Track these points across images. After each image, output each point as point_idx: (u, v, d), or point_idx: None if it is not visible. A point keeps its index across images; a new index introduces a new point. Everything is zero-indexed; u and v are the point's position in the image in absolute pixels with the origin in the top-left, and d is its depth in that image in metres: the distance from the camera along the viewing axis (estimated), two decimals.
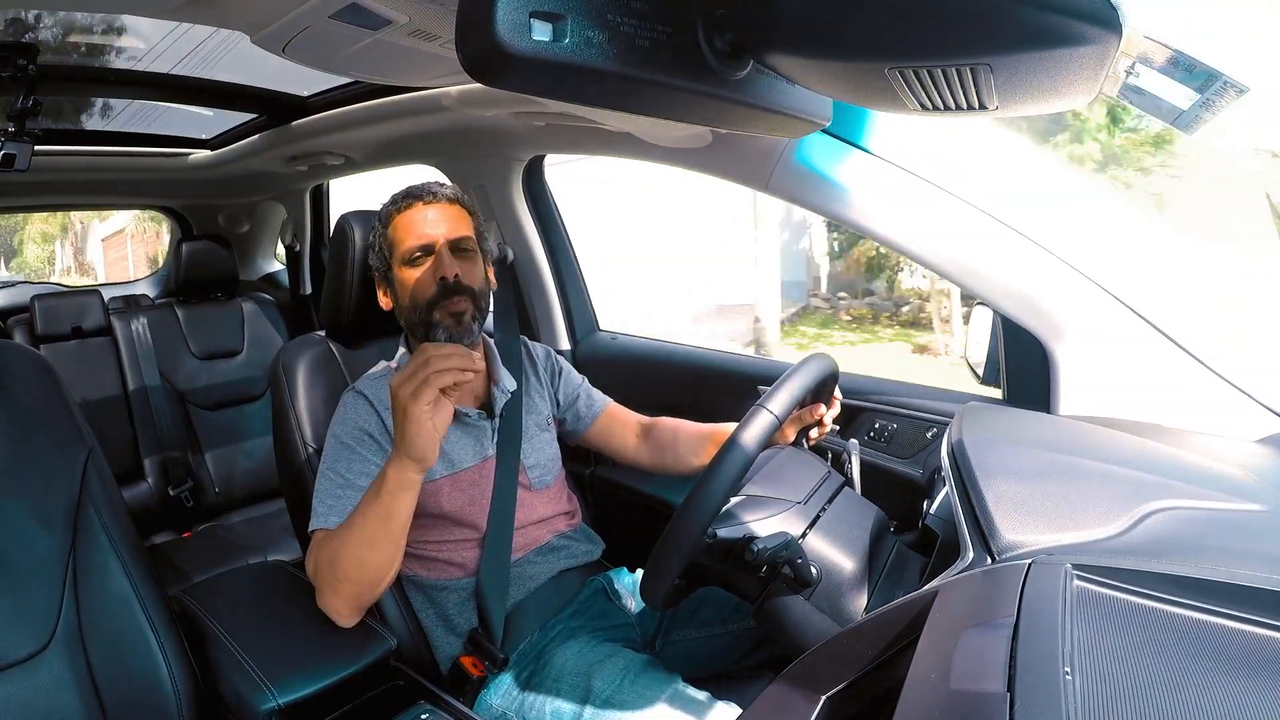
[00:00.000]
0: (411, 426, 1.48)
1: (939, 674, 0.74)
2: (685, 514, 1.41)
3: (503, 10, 0.76)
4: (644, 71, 0.89)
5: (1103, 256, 1.59)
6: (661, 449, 2.24)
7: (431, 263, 1.86)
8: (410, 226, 1.88)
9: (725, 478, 1.43)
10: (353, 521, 1.59)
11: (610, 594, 2.01)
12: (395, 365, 1.97)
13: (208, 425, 3.89)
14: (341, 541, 1.59)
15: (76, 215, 22.97)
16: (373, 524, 1.56)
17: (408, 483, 1.54)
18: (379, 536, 1.56)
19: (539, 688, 1.72)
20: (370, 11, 1.46)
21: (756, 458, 1.49)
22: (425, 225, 1.87)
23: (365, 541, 1.56)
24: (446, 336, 1.84)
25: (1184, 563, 0.88)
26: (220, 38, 1.77)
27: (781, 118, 1.17)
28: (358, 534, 1.57)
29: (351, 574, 1.58)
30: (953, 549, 1.17)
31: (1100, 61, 0.77)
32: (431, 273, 1.85)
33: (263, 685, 1.48)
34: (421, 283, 1.85)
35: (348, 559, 1.58)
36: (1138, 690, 0.64)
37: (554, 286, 3.07)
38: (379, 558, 1.58)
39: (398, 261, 1.88)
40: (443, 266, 1.84)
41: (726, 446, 1.47)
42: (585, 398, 2.30)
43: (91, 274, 23.17)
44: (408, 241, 1.87)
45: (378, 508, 1.55)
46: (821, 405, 1.87)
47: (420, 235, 1.87)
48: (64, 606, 1.50)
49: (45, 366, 1.67)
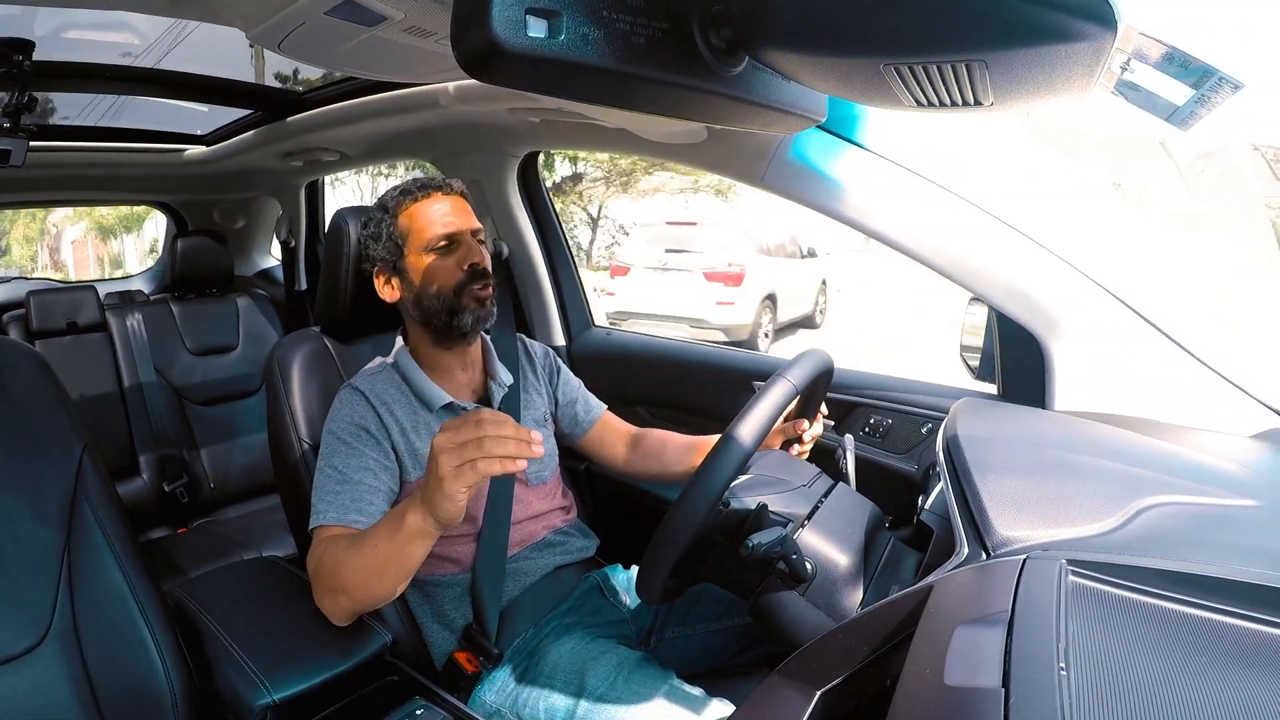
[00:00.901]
0: (444, 499, 1.36)
1: (934, 669, 0.74)
2: (683, 504, 1.41)
3: (498, 7, 0.76)
4: (639, 68, 0.90)
5: (1098, 252, 1.59)
6: (648, 458, 2.25)
7: (460, 251, 1.88)
8: (431, 216, 1.89)
9: (725, 467, 1.43)
10: (365, 545, 1.54)
11: (605, 590, 2.01)
12: (392, 360, 1.96)
13: (203, 421, 3.89)
14: (348, 560, 1.56)
15: (52, 219, 24.25)
16: (384, 558, 1.51)
17: (428, 534, 1.47)
18: (386, 569, 1.52)
19: (533, 684, 1.73)
20: (365, 8, 1.46)
21: (754, 449, 1.49)
22: (448, 215, 1.89)
23: (374, 572, 1.53)
24: (473, 319, 1.86)
25: (1179, 558, 0.88)
26: (216, 33, 1.77)
27: (777, 114, 1.17)
28: (367, 562, 1.53)
29: (353, 591, 1.56)
30: (948, 544, 1.17)
31: (1095, 57, 0.77)
32: (459, 260, 1.87)
33: (258, 681, 1.48)
34: (448, 270, 1.86)
35: (352, 579, 1.55)
36: (1132, 685, 0.65)
37: (549, 283, 3.07)
38: (384, 587, 1.56)
39: (416, 250, 1.88)
40: (474, 254, 1.87)
41: (726, 436, 1.47)
42: (583, 402, 2.31)
43: (64, 270, 25.05)
44: (431, 230, 1.87)
45: (391, 546, 1.49)
46: (805, 420, 1.90)
47: (445, 224, 1.88)
48: (59, 602, 1.50)
49: (40, 362, 1.67)
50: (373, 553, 1.52)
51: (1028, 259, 1.61)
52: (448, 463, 1.33)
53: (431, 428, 1.86)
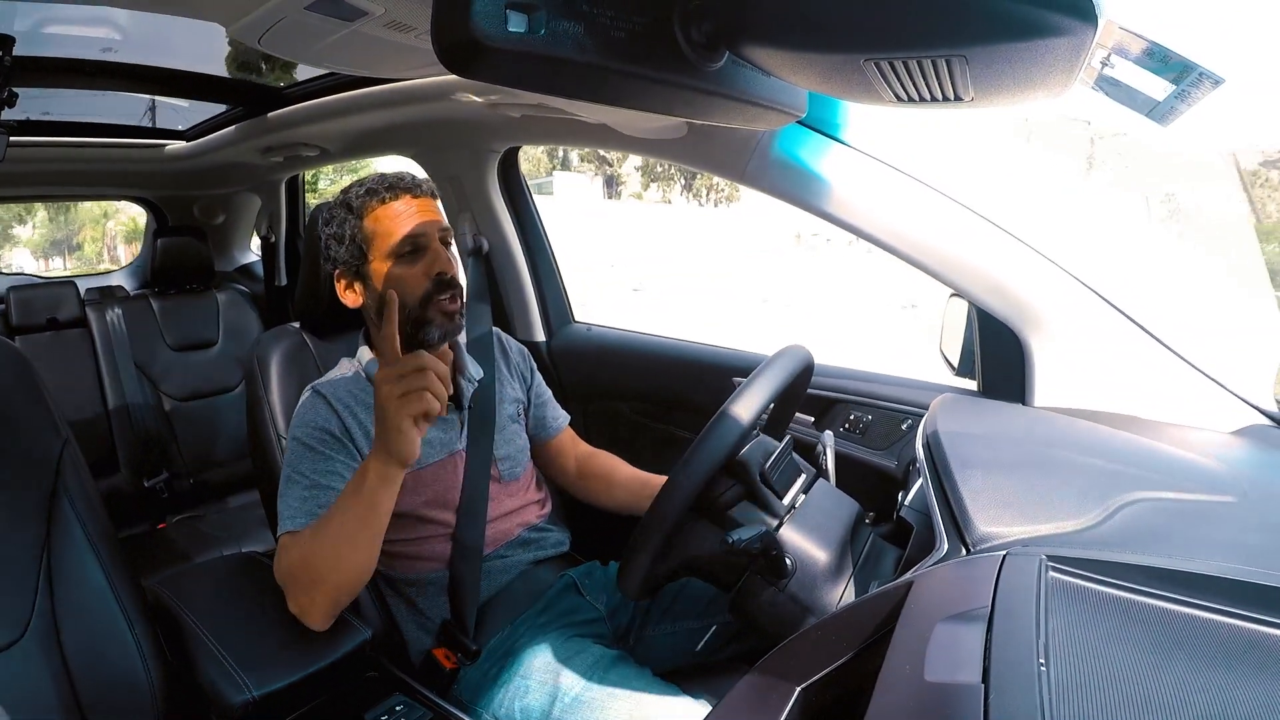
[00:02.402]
0: (394, 431, 1.45)
1: (914, 665, 0.74)
2: (665, 499, 1.42)
3: (479, 1, 0.76)
4: (619, 63, 0.89)
5: (1080, 248, 1.60)
6: (593, 480, 2.25)
7: (426, 258, 1.80)
8: (398, 219, 1.81)
9: (704, 464, 1.43)
10: (330, 519, 1.56)
11: (581, 588, 2.00)
12: (362, 368, 1.92)
13: (183, 416, 3.88)
14: (318, 541, 1.56)
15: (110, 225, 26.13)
16: (353, 521, 1.53)
17: (390, 477, 1.51)
18: (359, 533, 1.53)
19: (509, 684, 1.72)
20: (345, 3, 1.45)
21: (735, 446, 1.49)
22: (416, 218, 1.81)
23: (345, 538, 1.53)
24: (441, 334, 1.81)
25: (1158, 554, 0.88)
26: (197, 29, 1.75)
27: (757, 109, 1.17)
28: (336, 531, 1.54)
29: (329, 575, 1.55)
30: (928, 540, 1.17)
31: (1076, 53, 0.77)
32: (426, 268, 1.80)
33: (237, 677, 1.47)
34: (414, 278, 1.79)
35: (326, 558, 1.55)
36: (1112, 681, 0.65)
37: (529, 278, 3.06)
38: (360, 556, 1.56)
39: (380, 256, 1.81)
40: (440, 262, 1.80)
41: (716, 418, 1.47)
42: (552, 409, 2.30)
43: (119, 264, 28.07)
44: (397, 235, 1.80)
45: (358, 503, 1.52)
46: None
47: (412, 229, 1.80)
48: (38, 597, 1.49)
49: (20, 358, 1.66)
50: (340, 518, 1.54)
51: (1008, 254, 1.62)
52: (390, 392, 1.42)
53: None
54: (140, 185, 4.54)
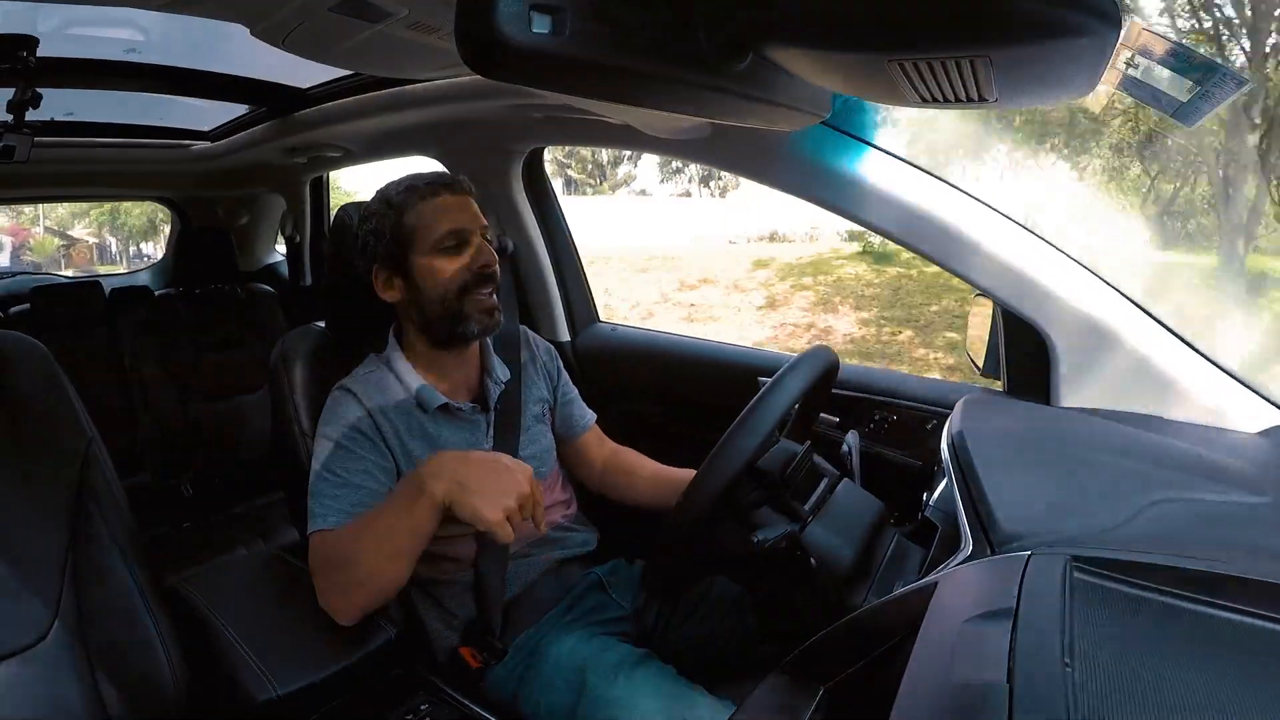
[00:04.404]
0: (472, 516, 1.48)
1: (939, 665, 0.74)
2: (688, 500, 1.42)
3: (503, 3, 0.76)
4: (644, 64, 0.89)
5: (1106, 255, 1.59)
6: (616, 475, 2.25)
7: (471, 251, 1.82)
8: (440, 214, 1.82)
9: (729, 465, 1.44)
10: (377, 532, 1.56)
11: (606, 587, 2.00)
12: (385, 359, 1.92)
13: (207, 416, 3.89)
14: (360, 549, 1.57)
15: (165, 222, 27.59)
16: (401, 538, 1.54)
17: (437, 510, 1.52)
18: (404, 550, 1.55)
19: (535, 681, 1.73)
20: (370, 4, 1.46)
21: (760, 447, 1.49)
22: (458, 213, 1.83)
23: (390, 554, 1.55)
24: (479, 329, 1.83)
25: (1183, 555, 0.88)
26: (220, 30, 1.76)
27: (782, 110, 1.17)
28: (382, 546, 1.55)
29: (368, 583, 1.57)
30: (953, 540, 1.17)
31: (1100, 54, 0.77)
32: (468, 261, 1.81)
33: (262, 675, 1.48)
34: (455, 270, 1.80)
35: (367, 568, 1.56)
36: (1137, 681, 0.65)
37: (554, 279, 3.06)
38: (400, 570, 1.57)
39: (422, 250, 1.81)
40: (485, 254, 1.82)
41: (732, 430, 1.48)
42: (578, 407, 2.28)
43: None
44: (440, 228, 1.80)
45: (409, 523, 1.53)
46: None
47: (455, 223, 1.81)
48: (64, 596, 1.50)
49: (46, 357, 1.66)
50: (389, 534, 1.55)
51: (1032, 255, 1.61)
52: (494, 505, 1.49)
53: (425, 429, 1.84)
54: (164, 186, 4.57)
